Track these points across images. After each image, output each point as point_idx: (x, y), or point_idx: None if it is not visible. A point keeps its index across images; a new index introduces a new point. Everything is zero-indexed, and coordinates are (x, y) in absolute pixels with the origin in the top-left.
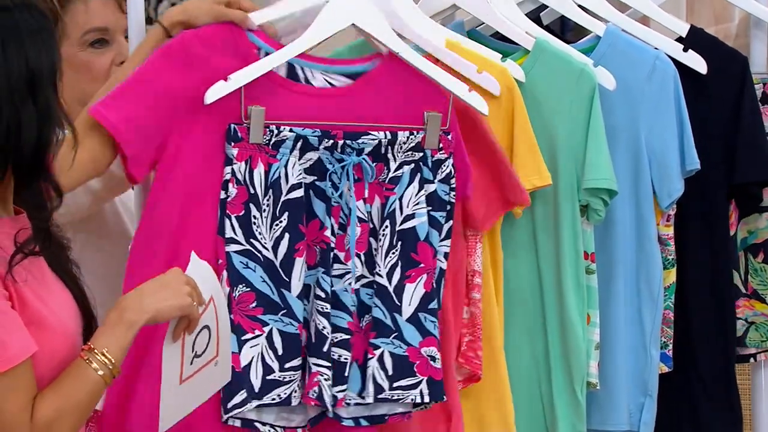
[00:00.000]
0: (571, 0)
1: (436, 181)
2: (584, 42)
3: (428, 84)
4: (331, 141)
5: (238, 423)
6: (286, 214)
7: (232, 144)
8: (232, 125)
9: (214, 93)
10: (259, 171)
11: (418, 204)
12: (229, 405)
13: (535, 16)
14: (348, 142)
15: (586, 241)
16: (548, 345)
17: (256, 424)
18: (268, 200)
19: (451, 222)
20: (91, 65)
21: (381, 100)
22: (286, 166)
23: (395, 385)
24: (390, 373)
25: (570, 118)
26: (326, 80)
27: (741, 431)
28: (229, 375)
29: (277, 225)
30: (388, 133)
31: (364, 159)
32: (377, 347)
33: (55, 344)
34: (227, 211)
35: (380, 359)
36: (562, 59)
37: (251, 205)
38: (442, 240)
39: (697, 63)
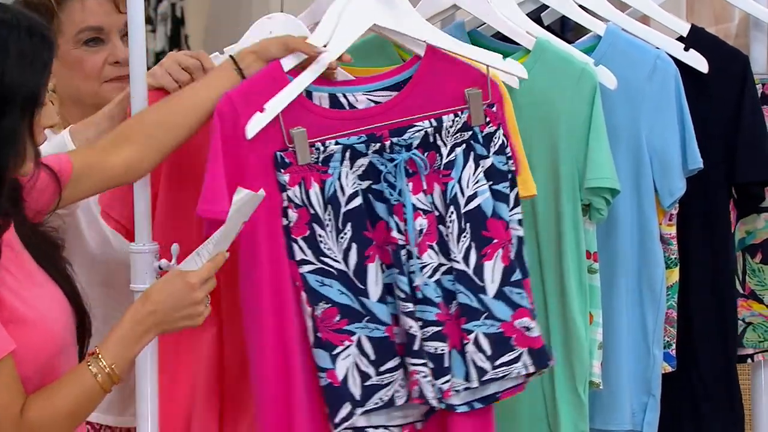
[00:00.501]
0: (572, 0)
1: (491, 154)
2: (585, 41)
3: (462, 65)
4: (379, 144)
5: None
6: (349, 225)
7: (282, 171)
8: (278, 153)
9: (254, 126)
10: (315, 190)
11: (477, 182)
12: (337, 419)
13: (535, 17)
14: (395, 140)
15: (588, 240)
16: (551, 345)
17: (368, 430)
18: (329, 215)
19: (516, 189)
20: (84, 63)
21: (423, 97)
22: (339, 179)
23: (497, 363)
24: (489, 353)
25: (571, 117)
26: (370, 99)
27: (742, 431)
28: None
29: (342, 237)
30: (433, 120)
31: (414, 154)
32: (470, 332)
33: (36, 341)
34: (292, 236)
35: (476, 342)
36: (563, 59)
37: (314, 225)
38: (512, 209)
39: (699, 62)
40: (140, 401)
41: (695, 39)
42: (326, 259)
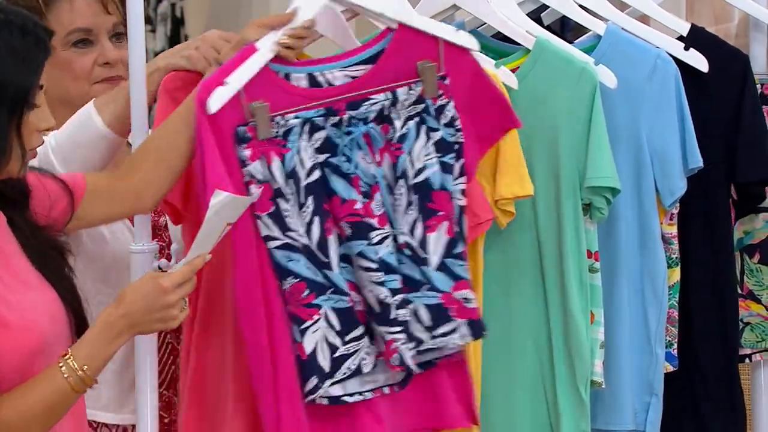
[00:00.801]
0: (572, 0)
1: (441, 127)
2: (585, 41)
3: (418, 36)
4: (336, 117)
5: (325, 401)
6: (311, 198)
7: (243, 146)
8: (240, 127)
9: (216, 99)
10: (276, 164)
11: (428, 155)
12: (305, 390)
13: (535, 17)
14: (352, 113)
15: (589, 239)
16: (552, 344)
17: (344, 398)
18: (290, 189)
19: (462, 160)
20: (73, 64)
21: (392, 71)
22: (299, 152)
23: (434, 333)
24: (428, 324)
25: (571, 116)
26: (348, 75)
27: (744, 430)
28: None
29: (304, 211)
30: (388, 93)
31: (370, 127)
32: (410, 302)
33: (16, 343)
34: (256, 212)
35: (415, 314)
36: (563, 58)
37: (279, 200)
38: (456, 179)
39: (699, 61)
40: (140, 399)
41: (695, 38)
42: (292, 233)
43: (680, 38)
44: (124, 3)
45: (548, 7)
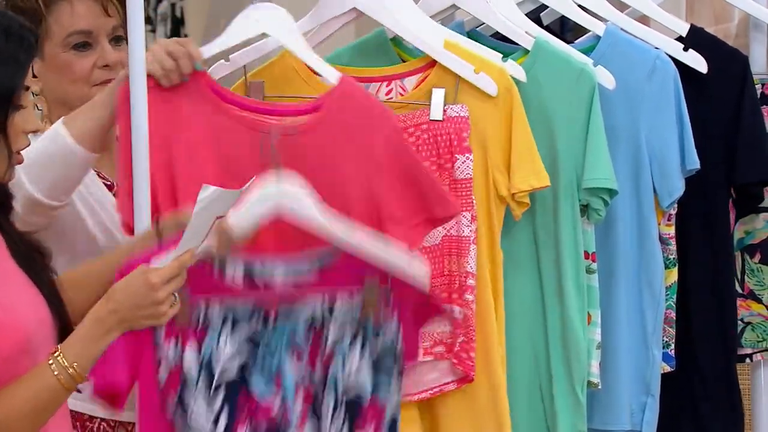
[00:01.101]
0: (571, 0)
1: (380, 339)
2: (584, 41)
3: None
4: (263, 315)
5: None
6: (222, 388)
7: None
8: None
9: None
10: (191, 350)
11: (361, 368)
12: None
13: (535, 17)
14: (282, 312)
15: (586, 240)
16: (549, 345)
17: None
18: (202, 381)
19: (400, 371)
20: (73, 67)
21: (328, 278)
22: (218, 340)
23: None
24: None
25: (570, 117)
26: (289, 278)
27: (742, 431)
28: None
29: (214, 401)
30: (326, 298)
31: (299, 330)
32: None
33: (3, 342)
34: (163, 390)
35: None
36: (562, 59)
37: (184, 392)
38: (393, 389)
39: (698, 62)
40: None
41: (694, 39)
42: (194, 424)
43: (679, 39)
44: (124, 5)
45: (547, 7)
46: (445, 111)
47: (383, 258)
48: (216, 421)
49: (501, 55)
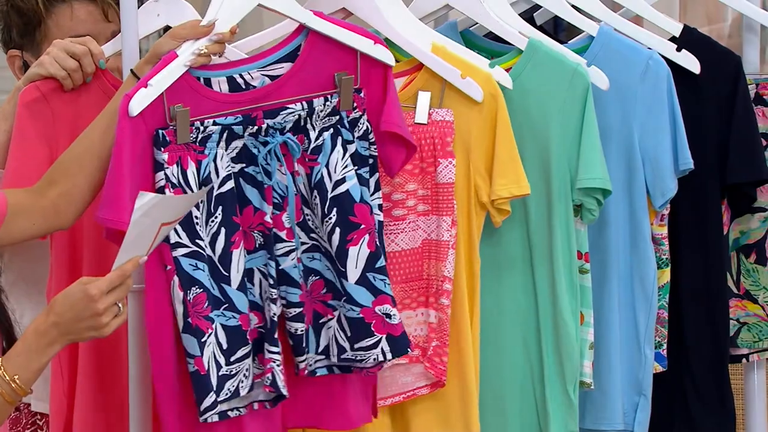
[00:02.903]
0: (564, 0)
1: (355, 139)
2: (577, 42)
3: (338, 47)
4: (254, 126)
5: (216, 418)
6: (220, 208)
7: (162, 149)
8: (159, 130)
9: (138, 101)
10: (192, 170)
11: (346, 167)
12: (202, 408)
13: (528, 17)
14: (269, 122)
15: (579, 240)
16: (541, 345)
17: (229, 413)
18: (203, 197)
19: (377, 175)
20: None
21: (302, 74)
22: (215, 160)
23: (356, 346)
24: (349, 334)
25: (563, 117)
26: (265, 75)
27: (733, 431)
28: None
29: (212, 221)
30: (304, 103)
31: (288, 137)
32: (335, 308)
33: None
34: None
35: (339, 320)
36: (555, 59)
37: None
38: (372, 194)
39: (691, 63)
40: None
41: (687, 39)
42: (200, 242)
43: (673, 39)
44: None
45: (540, 7)
46: (430, 115)
47: (346, 35)
48: (213, 242)
49: (488, 61)
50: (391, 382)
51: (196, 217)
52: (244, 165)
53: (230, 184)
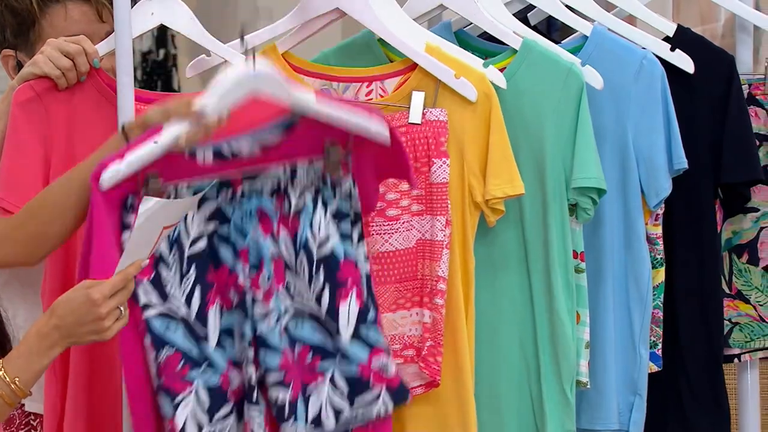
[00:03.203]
0: (559, 0)
1: (337, 199)
2: (571, 41)
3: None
4: (230, 189)
5: None
6: (194, 266)
7: (131, 213)
8: (130, 196)
9: (110, 177)
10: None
11: (328, 226)
12: None
13: (522, 16)
14: (246, 185)
15: (575, 240)
16: (538, 344)
17: None
18: (173, 257)
19: (359, 224)
20: None
21: (293, 142)
22: (185, 220)
23: (356, 402)
24: (346, 391)
25: (558, 117)
26: (258, 142)
27: (728, 430)
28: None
29: (186, 280)
30: (287, 167)
31: (263, 201)
32: (326, 370)
33: None
34: (136, 277)
35: (332, 381)
36: (550, 59)
37: (161, 265)
38: (357, 244)
39: (685, 62)
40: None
41: (681, 39)
42: (171, 303)
43: (666, 39)
44: None
45: (535, 7)
46: (424, 114)
47: (343, 117)
48: (188, 302)
49: (482, 61)
50: None
51: (166, 278)
52: (217, 223)
53: (203, 244)
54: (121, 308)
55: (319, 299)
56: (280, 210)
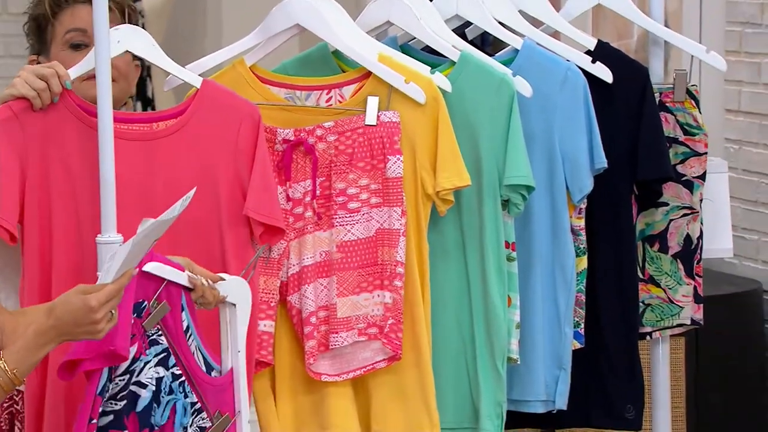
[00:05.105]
0: (492, 17)
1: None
2: (504, 54)
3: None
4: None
5: None
6: None
7: (134, 318)
8: (144, 303)
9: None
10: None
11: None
12: None
13: (460, 32)
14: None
15: (507, 231)
16: (473, 325)
17: None
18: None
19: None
20: (68, 64)
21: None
22: (145, 364)
23: None
24: None
25: (491, 122)
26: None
27: (643, 399)
28: None
29: None
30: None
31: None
32: None
33: None
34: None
35: None
36: (484, 70)
37: None
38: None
39: (604, 73)
40: None
41: (601, 52)
42: None
43: (588, 52)
44: (123, 13)
45: (471, 23)
46: (378, 117)
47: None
48: None
49: (429, 68)
50: (352, 358)
51: None
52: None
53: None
54: (112, 311)
55: None
56: None
